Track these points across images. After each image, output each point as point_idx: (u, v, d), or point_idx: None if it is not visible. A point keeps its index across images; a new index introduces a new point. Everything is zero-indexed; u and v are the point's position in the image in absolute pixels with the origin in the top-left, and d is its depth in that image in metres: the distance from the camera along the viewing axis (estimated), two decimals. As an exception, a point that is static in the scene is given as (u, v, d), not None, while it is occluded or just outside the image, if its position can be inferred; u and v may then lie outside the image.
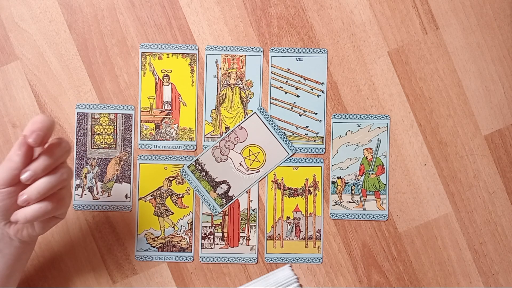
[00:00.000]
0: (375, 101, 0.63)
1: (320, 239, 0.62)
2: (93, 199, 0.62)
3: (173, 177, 0.62)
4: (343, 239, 0.62)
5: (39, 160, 0.45)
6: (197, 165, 0.62)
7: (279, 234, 0.62)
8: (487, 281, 0.62)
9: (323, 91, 0.63)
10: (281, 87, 0.63)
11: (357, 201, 0.62)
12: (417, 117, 0.63)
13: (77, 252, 0.62)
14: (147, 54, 0.63)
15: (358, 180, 0.63)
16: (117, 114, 0.62)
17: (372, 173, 0.63)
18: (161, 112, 0.63)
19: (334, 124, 0.63)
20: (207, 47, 0.63)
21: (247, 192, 0.63)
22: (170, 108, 0.63)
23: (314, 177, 0.63)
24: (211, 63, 0.63)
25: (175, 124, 0.63)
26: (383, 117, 0.63)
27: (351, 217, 0.62)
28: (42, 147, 0.46)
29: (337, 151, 0.63)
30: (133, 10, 0.63)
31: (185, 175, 0.62)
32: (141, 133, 0.63)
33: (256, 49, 0.63)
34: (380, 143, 0.63)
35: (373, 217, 0.62)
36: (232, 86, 0.63)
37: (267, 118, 0.63)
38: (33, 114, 0.62)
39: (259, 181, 0.63)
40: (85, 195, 0.62)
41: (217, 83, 0.63)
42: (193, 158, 0.62)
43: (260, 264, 0.62)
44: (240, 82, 0.63)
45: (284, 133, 0.63)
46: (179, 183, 0.62)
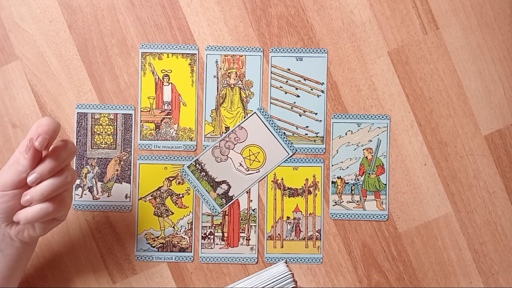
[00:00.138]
0: (375, 101, 0.63)
1: (320, 239, 0.62)
2: (93, 199, 0.62)
3: (173, 177, 0.62)
4: (343, 239, 0.62)
5: (45, 162, 0.45)
6: (197, 165, 0.62)
7: (279, 234, 0.62)
8: (487, 281, 0.62)
9: (323, 91, 0.63)
10: (281, 87, 0.63)
11: (357, 201, 0.62)
12: (417, 117, 0.63)
13: (77, 252, 0.62)
14: (147, 54, 0.63)
15: (358, 180, 0.63)
16: (117, 114, 0.62)
17: (372, 173, 0.63)
18: (161, 112, 0.63)
19: (334, 124, 0.63)
20: (207, 47, 0.63)
21: (247, 192, 0.63)
22: (170, 108, 0.63)
23: (314, 177, 0.63)
24: (211, 63, 0.63)
25: (175, 124, 0.63)
26: (383, 117, 0.63)
27: (351, 217, 0.62)
28: (47, 149, 0.46)
29: (337, 151, 0.63)
30: (133, 10, 0.63)
31: (185, 175, 0.62)
32: (141, 133, 0.63)
33: (256, 49, 0.63)
34: (380, 143, 0.63)
35: (373, 217, 0.62)
36: (232, 86, 0.63)
37: (267, 118, 0.63)
38: (33, 114, 0.62)
39: (259, 181, 0.63)
40: (85, 195, 0.62)
41: (217, 83, 0.63)
42: (193, 158, 0.62)
43: (260, 264, 0.62)
44: (240, 82, 0.63)
45: (284, 133, 0.63)
46: (179, 183, 0.62)
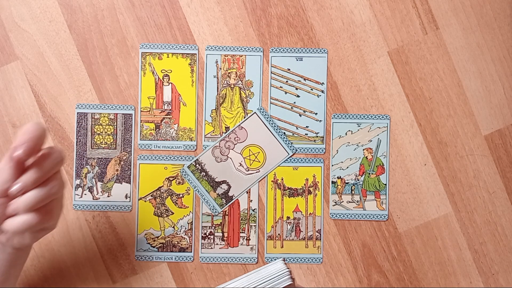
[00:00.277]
0: (375, 101, 0.63)
1: (320, 239, 0.62)
2: (93, 199, 0.62)
3: (173, 177, 0.62)
4: (343, 239, 0.62)
5: (29, 172, 0.43)
6: (197, 165, 0.62)
7: (279, 234, 0.62)
8: (487, 281, 0.62)
9: (323, 91, 0.63)
10: (281, 87, 0.63)
11: (357, 201, 0.62)
12: (417, 117, 0.63)
13: (77, 252, 0.62)
14: (147, 54, 0.63)
15: (358, 180, 0.63)
16: (117, 114, 0.62)
17: (372, 173, 0.63)
18: (161, 112, 0.63)
19: (334, 124, 0.63)
20: (207, 47, 0.63)
21: (247, 192, 0.62)
22: (170, 108, 0.63)
23: (314, 177, 0.63)
24: (211, 63, 0.63)
25: (175, 124, 0.63)
26: (383, 117, 0.63)
27: (351, 217, 0.62)
28: (34, 155, 0.44)
29: (337, 151, 0.63)
30: (133, 10, 0.63)
31: (185, 175, 0.62)
32: (141, 133, 0.63)
33: (256, 49, 0.63)
34: (380, 143, 0.63)
35: (373, 217, 0.62)
36: (232, 86, 0.63)
37: (267, 118, 0.63)
38: (33, 114, 0.62)
39: (259, 181, 0.63)
40: (85, 195, 0.62)
41: (217, 83, 0.63)
42: (193, 158, 0.62)
43: (260, 264, 0.62)
44: (240, 82, 0.63)
45: (284, 133, 0.63)
46: (179, 183, 0.62)
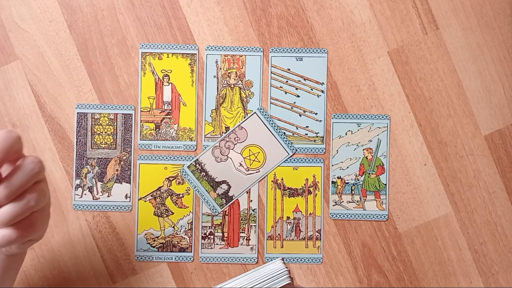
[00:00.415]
0: (375, 101, 0.63)
1: (320, 239, 0.62)
2: (93, 199, 0.62)
3: (173, 177, 0.62)
4: (343, 239, 0.62)
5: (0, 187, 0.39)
6: (197, 165, 0.62)
7: (279, 234, 0.62)
8: (487, 281, 0.62)
9: (323, 91, 0.63)
10: (281, 87, 0.63)
11: (357, 201, 0.62)
12: (417, 117, 0.63)
13: (77, 252, 0.62)
14: (147, 54, 0.63)
15: (358, 180, 0.63)
16: (117, 114, 0.62)
17: (372, 173, 0.63)
18: (161, 112, 0.63)
19: (334, 124, 0.63)
20: (207, 47, 0.63)
21: (247, 192, 0.62)
22: (170, 108, 0.63)
23: (314, 177, 0.63)
24: (211, 63, 0.63)
25: (175, 124, 0.63)
26: (383, 117, 0.63)
27: (351, 217, 0.62)
28: (13, 164, 0.40)
29: (337, 151, 0.63)
30: (133, 10, 0.63)
31: (185, 175, 0.62)
32: (141, 133, 0.63)
33: (256, 49, 0.63)
34: (380, 143, 0.63)
35: (373, 217, 0.62)
36: (232, 86, 0.63)
37: (267, 118, 0.63)
38: (33, 114, 0.62)
39: (259, 181, 0.63)
40: (85, 195, 0.62)
41: (217, 83, 0.63)
42: (193, 158, 0.62)
43: (260, 264, 0.62)
44: (240, 82, 0.63)
45: (284, 133, 0.63)
46: (179, 183, 0.62)
